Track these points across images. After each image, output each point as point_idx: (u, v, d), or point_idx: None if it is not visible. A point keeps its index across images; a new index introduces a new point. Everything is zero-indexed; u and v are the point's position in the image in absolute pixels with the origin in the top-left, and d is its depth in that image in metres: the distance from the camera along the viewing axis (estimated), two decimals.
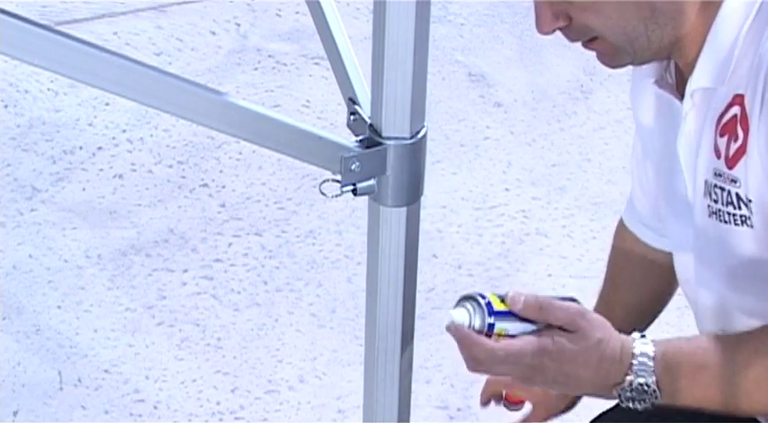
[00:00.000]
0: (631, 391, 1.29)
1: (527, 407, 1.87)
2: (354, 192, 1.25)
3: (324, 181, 1.27)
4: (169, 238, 3.08)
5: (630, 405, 1.30)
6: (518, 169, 3.39)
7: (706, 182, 1.41)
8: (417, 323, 1.38)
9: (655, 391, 1.29)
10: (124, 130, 3.43)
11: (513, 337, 1.28)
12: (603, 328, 1.30)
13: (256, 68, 3.72)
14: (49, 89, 3.56)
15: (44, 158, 3.31)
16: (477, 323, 1.28)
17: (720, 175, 1.38)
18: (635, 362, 1.29)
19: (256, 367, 2.77)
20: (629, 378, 1.29)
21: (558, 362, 1.28)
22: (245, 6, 3.97)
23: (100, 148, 3.36)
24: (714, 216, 1.41)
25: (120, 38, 3.77)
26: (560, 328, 1.29)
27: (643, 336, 1.31)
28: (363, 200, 1.28)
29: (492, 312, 1.28)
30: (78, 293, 2.91)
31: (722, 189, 1.38)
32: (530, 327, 1.29)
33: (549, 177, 3.37)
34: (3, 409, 2.63)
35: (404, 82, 1.22)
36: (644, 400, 1.29)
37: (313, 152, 1.27)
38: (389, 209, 1.28)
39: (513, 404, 2.66)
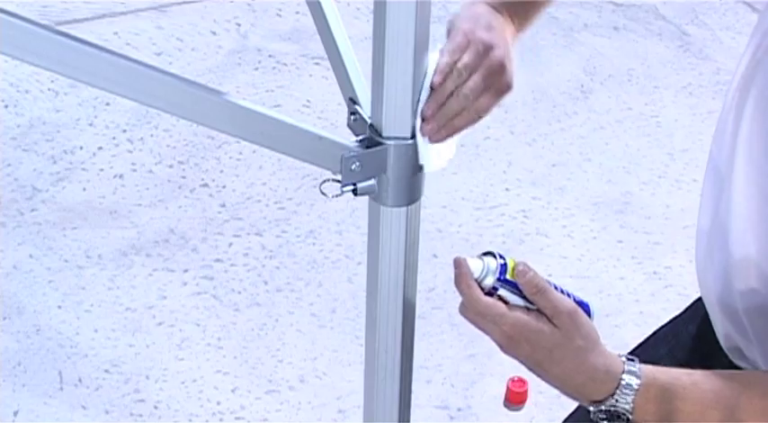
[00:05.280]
0: (608, 414, 1.28)
1: (527, 407, 1.88)
2: (355, 192, 1.25)
3: (324, 181, 1.27)
4: (169, 238, 3.08)
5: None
6: (518, 169, 3.39)
7: None
8: (417, 323, 1.37)
9: (628, 419, 1.28)
10: (124, 130, 3.43)
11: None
12: (588, 338, 1.28)
13: (257, 68, 3.72)
14: (49, 89, 3.56)
15: (44, 158, 3.31)
16: (485, 281, 1.29)
17: None
18: (619, 391, 1.28)
19: (257, 367, 2.77)
20: (610, 401, 1.28)
21: (531, 345, 1.27)
22: (246, 6, 3.98)
23: (100, 148, 3.36)
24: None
25: (120, 38, 3.77)
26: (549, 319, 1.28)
27: (631, 359, 1.29)
28: (364, 200, 1.28)
29: (502, 278, 1.28)
30: (79, 293, 2.91)
31: None
32: (527, 305, 1.29)
33: (549, 177, 3.37)
34: (3, 409, 2.63)
35: (404, 82, 1.22)
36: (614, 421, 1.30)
37: (313, 152, 1.27)
38: (390, 209, 1.28)
39: (513, 404, 2.67)
